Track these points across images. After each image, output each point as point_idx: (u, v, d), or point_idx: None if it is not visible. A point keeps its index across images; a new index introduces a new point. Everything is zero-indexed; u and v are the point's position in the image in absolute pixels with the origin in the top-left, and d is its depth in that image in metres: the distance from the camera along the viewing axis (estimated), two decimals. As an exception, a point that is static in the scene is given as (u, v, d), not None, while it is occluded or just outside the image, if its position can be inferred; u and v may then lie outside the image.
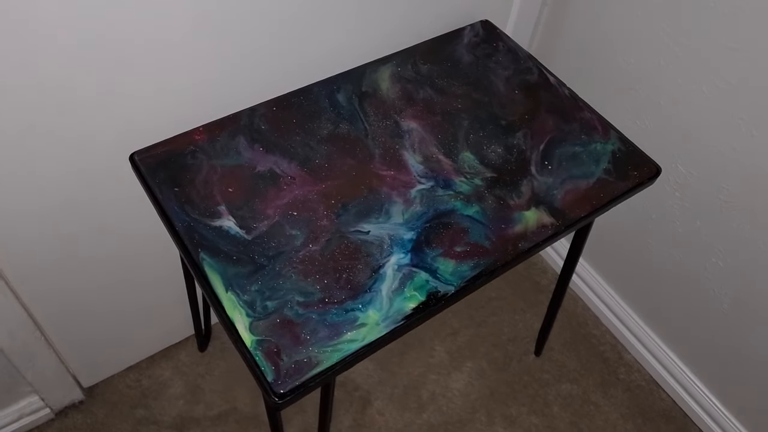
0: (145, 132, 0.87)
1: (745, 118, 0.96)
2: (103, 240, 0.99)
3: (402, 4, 1.00)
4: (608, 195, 0.88)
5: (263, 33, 0.89)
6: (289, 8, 0.88)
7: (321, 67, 0.97)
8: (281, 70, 0.96)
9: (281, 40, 0.92)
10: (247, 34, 0.87)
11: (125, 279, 1.08)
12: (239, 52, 0.89)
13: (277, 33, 0.90)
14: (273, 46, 0.92)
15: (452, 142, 0.91)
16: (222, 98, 0.92)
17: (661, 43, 1.03)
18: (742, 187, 1.01)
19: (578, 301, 1.44)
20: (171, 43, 0.82)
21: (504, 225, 0.83)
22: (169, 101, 0.88)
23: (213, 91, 0.91)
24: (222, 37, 0.85)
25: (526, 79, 1.01)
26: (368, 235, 0.80)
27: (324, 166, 0.86)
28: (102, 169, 0.89)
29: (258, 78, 0.94)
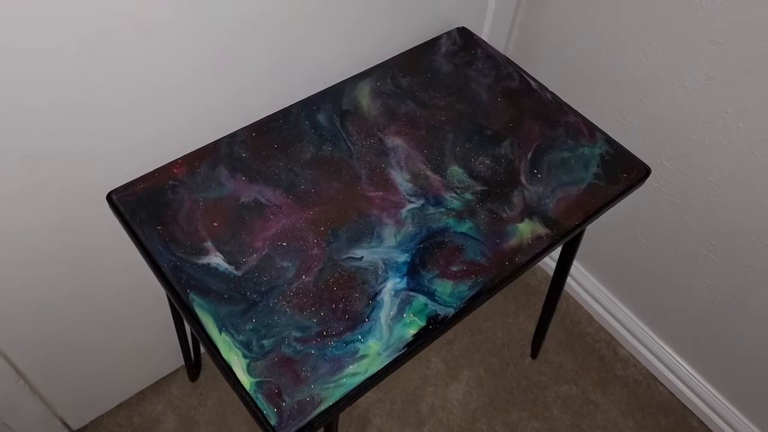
0: (120, 168, 0.83)
1: (729, 111, 0.95)
2: (83, 282, 0.95)
3: (376, 18, 0.98)
4: (600, 200, 0.87)
5: (238, 57, 0.86)
6: (261, 30, 0.85)
7: (299, 88, 0.94)
8: (258, 94, 0.93)
9: (256, 62, 0.89)
10: (222, 58, 0.84)
11: (109, 317, 1.04)
12: (214, 77, 0.86)
13: (252, 56, 0.87)
14: (249, 70, 0.89)
15: (439, 156, 0.89)
16: (199, 127, 0.88)
17: (640, 38, 1.02)
18: (731, 180, 1.01)
19: (569, 299, 1.44)
20: (142, 71, 0.78)
21: (499, 239, 0.81)
22: (144, 133, 0.85)
23: (190, 120, 0.88)
24: (195, 63, 0.82)
25: (507, 86, 0.99)
26: (362, 261, 0.78)
27: (310, 191, 0.83)
28: (78, 210, 0.85)
29: (235, 103, 0.91)
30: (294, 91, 0.94)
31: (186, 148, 0.85)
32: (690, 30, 0.94)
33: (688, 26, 0.94)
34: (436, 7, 1.05)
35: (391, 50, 1.02)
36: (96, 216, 0.86)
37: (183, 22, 0.77)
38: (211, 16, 0.79)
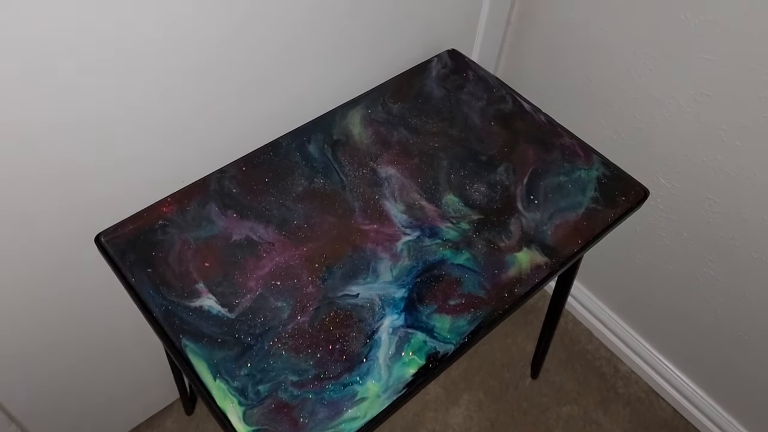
0: (108, 208, 0.81)
1: (726, 128, 0.94)
2: (75, 323, 0.93)
3: (365, 43, 0.97)
4: (599, 225, 0.85)
5: (225, 89, 0.84)
6: (248, 60, 0.84)
7: (288, 118, 0.93)
8: (248, 126, 0.91)
9: (245, 94, 0.87)
10: (208, 91, 0.82)
11: (101, 357, 1.02)
12: (201, 111, 0.84)
13: (239, 87, 0.85)
14: (237, 101, 0.87)
15: (434, 185, 0.87)
16: (188, 162, 0.87)
17: (633, 56, 1.01)
18: (729, 197, 0.99)
19: (567, 315, 1.42)
20: (127, 106, 0.76)
21: (497, 270, 0.80)
22: (132, 172, 0.83)
23: (177, 156, 0.86)
24: (182, 98, 0.80)
25: (500, 109, 0.98)
26: (358, 298, 0.76)
27: (303, 226, 0.82)
28: (66, 254, 0.83)
29: (225, 137, 0.89)
30: (284, 121, 0.92)
31: (175, 185, 0.83)
32: (682, 47, 0.93)
33: (681, 43, 0.93)
34: (426, 30, 1.04)
35: (382, 75, 1.01)
36: (86, 259, 0.84)
37: (168, 56, 0.75)
38: (197, 47, 0.77)
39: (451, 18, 1.06)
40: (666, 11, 0.92)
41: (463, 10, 1.07)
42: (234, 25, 0.78)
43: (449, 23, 1.07)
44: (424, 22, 1.03)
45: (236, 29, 0.79)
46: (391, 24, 0.98)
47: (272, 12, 0.81)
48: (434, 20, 1.04)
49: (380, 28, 0.97)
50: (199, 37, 0.76)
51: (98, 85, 0.71)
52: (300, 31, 0.86)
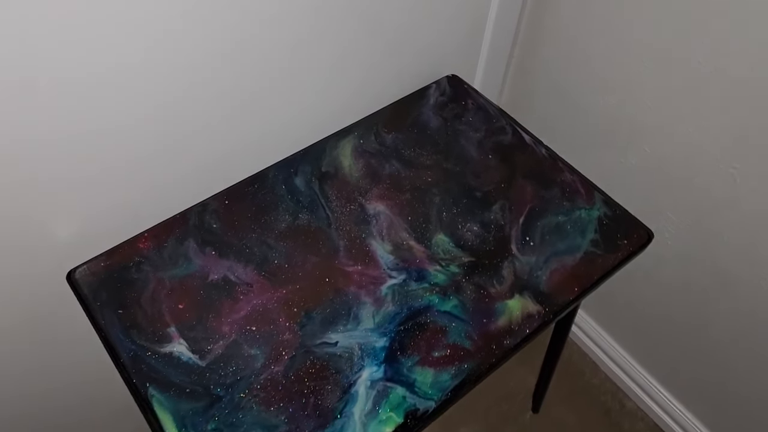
0: (83, 242, 0.78)
1: (738, 167, 0.89)
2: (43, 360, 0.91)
3: (361, 68, 0.93)
4: (597, 271, 0.80)
5: (211, 114, 0.81)
6: (234, 84, 0.80)
7: (278, 146, 0.89)
8: (233, 155, 0.87)
9: (231, 120, 0.84)
10: (192, 116, 0.79)
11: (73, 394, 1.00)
12: (184, 138, 0.81)
13: (225, 113, 0.82)
14: (222, 128, 0.84)
15: (424, 223, 0.83)
16: (168, 194, 0.84)
17: (640, 87, 0.95)
18: (742, 239, 0.94)
19: (573, 346, 1.37)
20: (105, 133, 0.73)
21: (486, 319, 0.75)
22: (109, 203, 0.80)
23: (157, 187, 0.83)
24: (163, 123, 0.77)
25: (499, 141, 0.93)
26: (336, 346, 0.72)
27: (284, 266, 0.78)
28: (39, 289, 0.81)
29: (208, 166, 0.86)
30: (273, 149, 0.89)
31: (154, 218, 0.80)
32: (693, 85, 0.88)
33: (691, 81, 0.87)
34: (426, 54, 1.00)
35: (379, 101, 0.97)
36: (57, 294, 0.81)
37: (151, 83, 0.71)
38: (182, 72, 0.74)
39: (452, 42, 1.02)
40: (673, 39, 0.87)
41: (465, 33, 1.02)
42: (222, 50, 0.75)
43: (450, 48, 1.02)
44: (423, 46, 0.98)
45: (225, 53, 0.75)
46: (388, 48, 0.94)
47: (263, 34, 0.77)
48: (435, 44, 1.00)
49: (377, 52, 0.93)
50: (184, 61, 0.72)
51: (74, 111, 0.68)
52: (293, 55, 0.83)
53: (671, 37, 0.87)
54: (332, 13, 0.82)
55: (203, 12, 0.70)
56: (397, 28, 0.92)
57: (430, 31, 0.97)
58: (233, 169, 0.86)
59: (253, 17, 0.75)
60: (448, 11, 0.96)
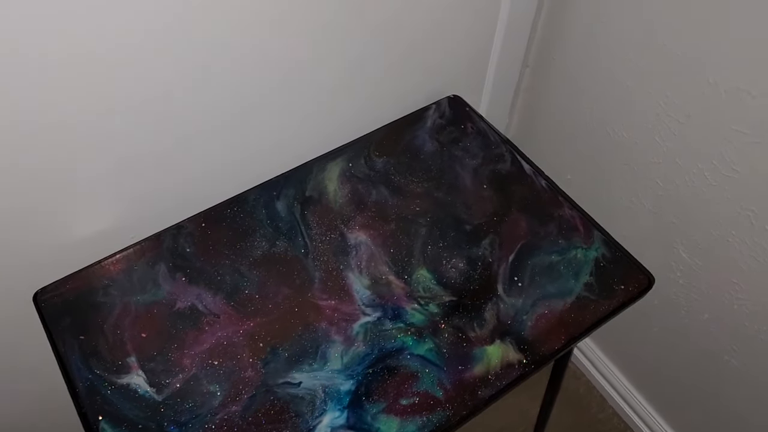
0: (55, 262, 0.77)
1: (755, 210, 0.82)
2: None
3: (356, 86, 0.88)
4: (588, 319, 0.75)
5: (194, 131, 0.78)
6: (220, 101, 0.77)
7: (263, 167, 0.86)
8: (216, 174, 0.85)
9: (216, 139, 0.81)
10: (174, 131, 0.76)
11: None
12: (164, 154, 0.78)
13: (210, 131, 0.79)
14: (206, 146, 0.81)
15: (406, 257, 0.79)
16: (144, 214, 0.81)
17: (655, 117, 0.89)
18: (757, 286, 0.87)
19: (581, 378, 1.31)
20: (84, 149, 0.71)
21: (462, 366, 0.71)
22: (83, 220, 0.78)
23: (134, 205, 0.81)
24: (143, 137, 0.74)
25: (497, 170, 0.88)
26: (299, 387, 0.69)
27: (254, 297, 0.75)
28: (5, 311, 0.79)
29: (188, 185, 0.83)
30: (257, 170, 0.86)
31: (127, 239, 0.78)
32: (711, 115, 0.81)
33: (709, 110, 0.81)
34: (428, 73, 0.95)
35: (375, 121, 0.92)
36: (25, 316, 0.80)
37: (133, 96, 0.69)
38: (166, 87, 0.71)
39: (455, 60, 0.96)
40: (693, 71, 0.80)
41: (470, 53, 0.97)
42: (210, 65, 0.71)
43: (453, 66, 0.97)
44: (426, 65, 0.94)
45: (212, 68, 0.72)
46: (386, 65, 0.89)
47: (251, 50, 0.74)
48: (436, 62, 0.95)
49: (374, 70, 0.88)
50: (168, 76, 0.69)
51: (48, 126, 0.66)
52: (287, 74, 0.79)
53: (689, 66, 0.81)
54: (332, 33, 0.78)
55: (189, 26, 0.66)
56: (399, 46, 0.88)
57: (433, 49, 0.92)
58: (214, 190, 0.84)
59: (246, 34, 0.71)
60: (452, 29, 0.91)
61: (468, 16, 0.91)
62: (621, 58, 0.89)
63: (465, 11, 0.90)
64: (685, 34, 0.79)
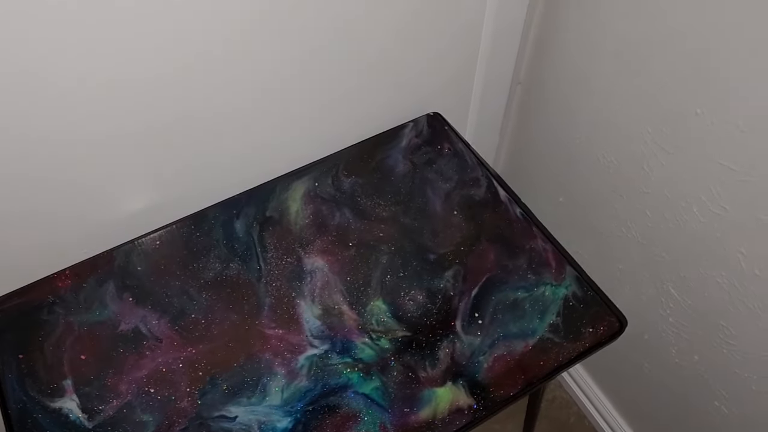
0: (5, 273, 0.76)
1: (745, 252, 0.75)
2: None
3: (332, 99, 0.85)
4: (550, 363, 0.70)
5: (155, 145, 0.75)
6: (186, 113, 0.74)
7: (224, 183, 0.83)
8: (177, 188, 0.82)
9: (180, 154, 0.78)
10: (133, 143, 0.74)
11: None
12: (125, 170, 0.76)
13: (174, 146, 0.76)
14: (167, 161, 0.78)
15: (363, 286, 0.75)
16: (101, 229, 0.79)
17: (644, 144, 0.83)
18: (747, 332, 0.80)
19: (572, 407, 1.25)
20: (34, 159, 0.69)
21: (407, 408, 0.67)
22: (35, 234, 0.77)
23: (89, 220, 0.79)
24: (104, 150, 0.72)
25: (470, 195, 0.83)
26: (234, 422, 0.66)
27: (200, 322, 0.72)
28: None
29: (147, 198, 0.81)
30: (217, 187, 0.83)
31: (81, 254, 0.77)
32: (698, 148, 0.75)
33: (696, 143, 0.75)
34: (407, 88, 0.91)
35: (350, 137, 0.89)
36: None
37: (93, 108, 0.67)
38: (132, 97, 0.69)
39: (437, 75, 0.92)
40: (681, 100, 0.74)
41: (453, 65, 0.92)
42: (174, 74, 0.69)
43: (435, 81, 0.92)
44: (404, 79, 0.89)
45: (176, 78, 0.70)
46: (363, 79, 0.85)
47: (217, 63, 0.71)
48: (417, 77, 0.90)
49: (350, 84, 0.84)
50: (130, 85, 0.67)
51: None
52: (256, 84, 0.76)
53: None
54: (307, 46, 0.75)
55: (151, 40, 0.64)
56: (376, 60, 0.84)
57: (413, 63, 0.88)
58: (176, 204, 0.81)
59: (210, 45, 0.68)
60: (434, 44, 0.87)
61: (450, 30, 0.86)
62: (610, 81, 0.84)
63: (447, 26, 0.85)
64: (674, 62, 0.73)
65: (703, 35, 0.68)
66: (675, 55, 0.72)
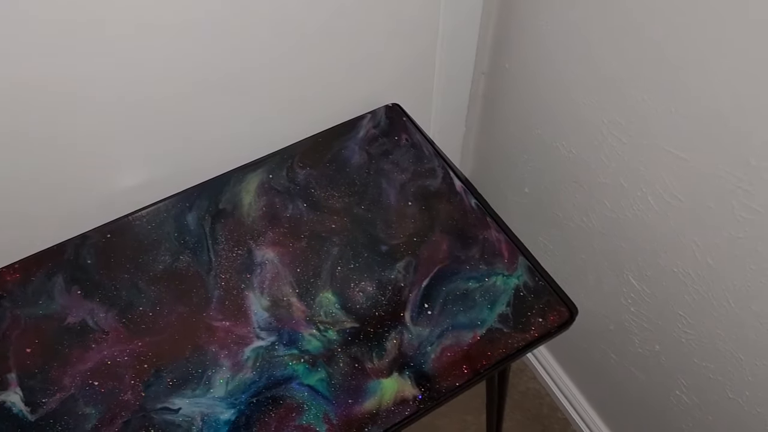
0: (-44, 268, 0.75)
1: (698, 242, 0.75)
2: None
3: (289, 90, 0.84)
4: (497, 353, 0.70)
5: (110, 134, 0.75)
6: (140, 102, 0.74)
7: (179, 176, 0.83)
8: (131, 181, 0.82)
9: (134, 144, 0.78)
10: (88, 133, 0.74)
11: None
12: (76, 168, 0.76)
13: (128, 136, 0.76)
14: (122, 151, 0.78)
15: (313, 278, 0.75)
16: (52, 222, 0.79)
17: (600, 135, 0.82)
18: (702, 321, 0.80)
19: (545, 398, 1.25)
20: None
21: (352, 399, 0.67)
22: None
23: (41, 214, 0.79)
24: (54, 143, 0.72)
25: (425, 185, 0.83)
26: (177, 414, 0.66)
27: (148, 314, 0.72)
28: None
29: (101, 193, 0.81)
30: (171, 180, 0.82)
31: (32, 248, 0.76)
32: (648, 137, 0.74)
33: (646, 132, 0.74)
34: (365, 77, 0.90)
35: (308, 129, 0.88)
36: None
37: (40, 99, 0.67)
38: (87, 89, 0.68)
39: (397, 66, 0.91)
40: (630, 88, 0.73)
41: (411, 55, 0.91)
42: (129, 63, 0.69)
43: (395, 72, 0.92)
44: (363, 68, 0.89)
45: (131, 67, 0.69)
46: (320, 69, 0.85)
47: (171, 45, 0.70)
48: (376, 67, 0.90)
49: (307, 74, 0.84)
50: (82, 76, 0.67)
51: None
52: (204, 71, 0.75)
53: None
54: (258, 31, 0.74)
55: (99, 34, 0.64)
56: (332, 48, 0.83)
57: (370, 53, 0.87)
58: (130, 198, 0.81)
59: (161, 34, 0.68)
60: (389, 32, 0.86)
61: (406, 20, 0.85)
62: (566, 71, 0.83)
63: (402, 16, 0.84)
64: (623, 50, 0.72)
65: (652, 24, 0.67)
66: (624, 43, 0.72)
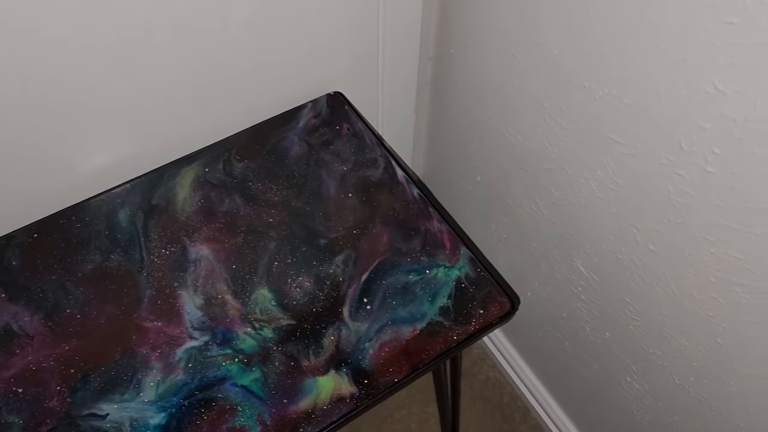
0: None
1: (639, 227, 0.74)
2: None
3: (228, 82, 0.81)
4: (437, 347, 0.68)
5: (36, 131, 0.72)
6: (73, 96, 0.70)
7: (111, 171, 0.80)
8: (56, 180, 0.79)
9: (64, 141, 0.75)
10: (12, 128, 0.70)
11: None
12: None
13: (58, 132, 0.73)
14: (52, 148, 0.75)
15: (248, 274, 0.73)
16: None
17: (543, 120, 0.81)
18: (647, 307, 0.79)
19: (505, 387, 1.24)
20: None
21: (287, 399, 0.65)
22: None
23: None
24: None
25: (367, 176, 0.81)
26: (104, 420, 0.63)
27: (76, 317, 0.69)
28: None
29: (27, 192, 0.77)
30: (105, 176, 0.79)
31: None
32: (588, 122, 0.73)
33: (587, 116, 0.72)
34: (306, 64, 0.88)
35: (246, 120, 0.86)
36: None
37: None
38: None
39: (338, 52, 0.89)
40: (570, 73, 0.72)
41: (353, 41, 0.89)
42: (52, 54, 0.65)
43: (337, 59, 0.89)
44: (304, 56, 0.86)
45: (54, 58, 0.66)
46: (258, 58, 0.82)
47: (101, 33, 0.67)
48: (318, 54, 0.87)
49: (244, 63, 0.81)
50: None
51: None
52: (140, 63, 0.72)
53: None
54: (193, 19, 0.71)
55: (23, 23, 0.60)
56: (269, 36, 0.80)
57: (309, 40, 0.84)
58: (60, 196, 0.78)
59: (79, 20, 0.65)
60: (328, 19, 0.83)
61: (345, 6, 0.83)
62: (507, 55, 0.81)
63: (341, 3, 0.82)
64: (561, 36, 0.70)
65: (593, 10, 0.65)
66: (561, 29, 0.70)
